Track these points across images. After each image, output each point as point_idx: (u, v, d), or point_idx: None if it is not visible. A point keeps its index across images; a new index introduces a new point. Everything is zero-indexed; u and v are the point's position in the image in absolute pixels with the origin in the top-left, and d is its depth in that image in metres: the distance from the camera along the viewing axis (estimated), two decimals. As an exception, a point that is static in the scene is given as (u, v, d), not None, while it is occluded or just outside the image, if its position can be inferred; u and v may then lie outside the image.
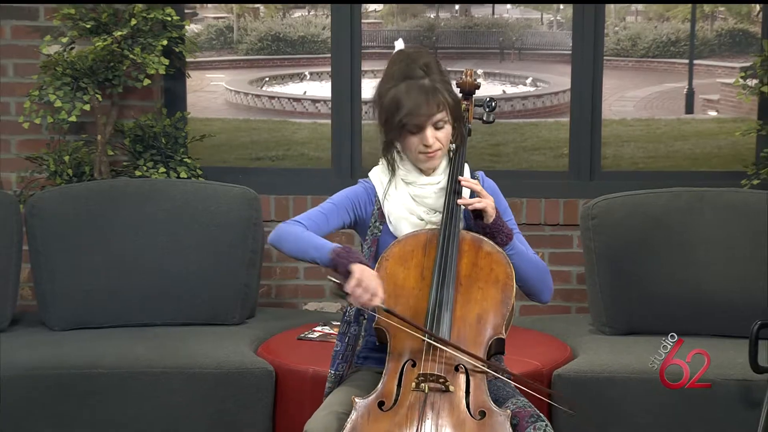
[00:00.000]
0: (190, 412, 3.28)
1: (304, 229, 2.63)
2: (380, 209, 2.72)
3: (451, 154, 2.73)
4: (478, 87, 2.88)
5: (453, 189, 2.67)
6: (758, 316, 2.72)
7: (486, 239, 2.63)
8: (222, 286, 3.68)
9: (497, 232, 2.62)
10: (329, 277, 2.53)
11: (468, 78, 2.86)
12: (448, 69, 2.82)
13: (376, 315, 2.53)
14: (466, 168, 2.77)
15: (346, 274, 2.47)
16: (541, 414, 2.50)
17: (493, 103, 2.90)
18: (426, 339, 2.48)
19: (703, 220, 3.56)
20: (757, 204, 3.59)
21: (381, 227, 2.71)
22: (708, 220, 3.56)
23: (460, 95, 2.81)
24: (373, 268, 2.59)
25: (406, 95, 2.60)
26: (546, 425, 2.46)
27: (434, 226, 2.66)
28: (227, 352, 3.37)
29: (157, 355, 3.35)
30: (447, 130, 2.67)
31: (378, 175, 2.76)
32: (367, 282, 2.45)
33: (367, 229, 2.73)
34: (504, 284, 2.59)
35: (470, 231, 2.67)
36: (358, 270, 2.47)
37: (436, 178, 2.71)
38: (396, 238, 2.68)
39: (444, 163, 2.74)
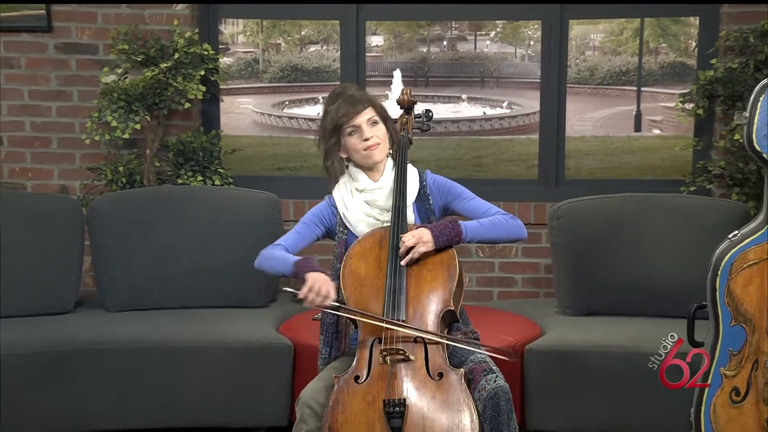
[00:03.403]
0: (222, 380, 3.28)
1: (279, 249, 2.68)
2: (341, 218, 2.71)
3: (393, 156, 2.74)
4: (415, 102, 2.90)
5: (400, 190, 2.66)
6: (694, 299, 2.69)
7: (429, 229, 2.60)
8: (249, 275, 3.59)
9: (450, 243, 2.60)
10: (285, 289, 2.58)
11: (405, 96, 2.89)
12: (438, 94, 2.82)
13: (334, 312, 2.55)
14: (411, 169, 2.75)
15: (303, 282, 2.50)
16: (494, 367, 2.48)
17: (429, 113, 2.91)
18: (380, 324, 2.48)
19: (650, 220, 3.55)
20: (694, 207, 3.59)
21: (345, 231, 2.73)
22: (653, 220, 3.55)
23: (401, 111, 2.85)
24: (339, 266, 2.61)
25: (338, 106, 2.66)
26: (497, 376, 2.44)
27: (388, 224, 2.66)
28: (253, 330, 3.36)
29: (195, 332, 3.34)
30: (381, 128, 2.70)
31: (338, 190, 2.77)
32: (318, 287, 2.47)
33: (335, 235, 2.73)
34: (448, 264, 2.59)
35: (418, 224, 2.67)
36: (311, 278, 2.49)
37: (382, 183, 2.70)
38: (357, 237, 2.69)
39: (389, 168, 2.73)
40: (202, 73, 3.90)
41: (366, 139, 2.65)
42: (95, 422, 3.28)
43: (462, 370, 2.43)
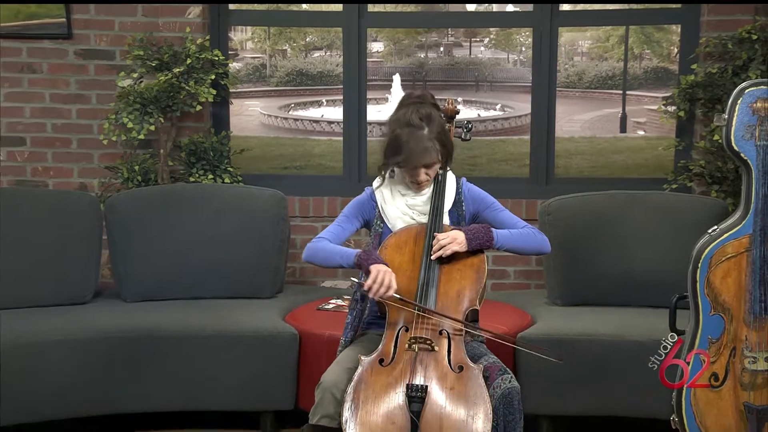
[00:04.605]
0: (232, 367, 3.29)
1: (328, 242, 2.65)
2: (379, 212, 2.72)
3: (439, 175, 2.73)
4: (457, 112, 2.88)
5: (440, 192, 2.66)
6: (676, 290, 2.71)
7: (463, 232, 2.62)
8: (257, 268, 3.68)
9: (481, 247, 2.62)
10: (351, 279, 2.60)
11: (449, 105, 2.86)
12: (435, 98, 2.82)
13: (390, 302, 2.52)
14: (450, 175, 2.76)
15: (368, 273, 2.49)
16: (507, 368, 2.50)
17: (470, 125, 2.90)
18: (420, 312, 2.48)
19: (634, 216, 3.55)
20: (676, 203, 3.59)
21: (382, 225, 2.72)
22: (638, 216, 3.55)
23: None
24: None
25: (406, 143, 2.56)
26: (511, 377, 2.47)
27: (424, 222, 2.66)
28: (261, 319, 3.37)
29: (207, 321, 3.35)
30: (436, 168, 2.66)
31: (380, 184, 2.76)
32: (381, 278, 2.46)
33: (372, 227, 2.73)
34: (478, 267, 2.60)
35: (452, 226, 2.68)
36: (374, 269, 2.48)
37: (423, 191, 2.71)
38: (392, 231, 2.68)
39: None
40: (213, 77, 3.91)
41: (417, 181, 2.64)
42: (113, 406, 3.29)
43: (481, 365, 2.44)
